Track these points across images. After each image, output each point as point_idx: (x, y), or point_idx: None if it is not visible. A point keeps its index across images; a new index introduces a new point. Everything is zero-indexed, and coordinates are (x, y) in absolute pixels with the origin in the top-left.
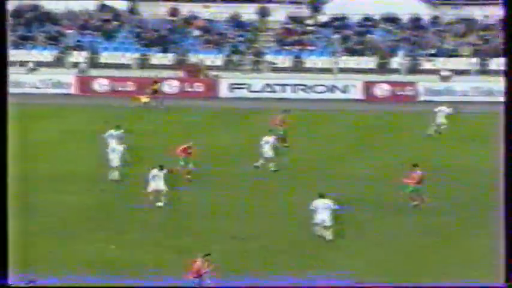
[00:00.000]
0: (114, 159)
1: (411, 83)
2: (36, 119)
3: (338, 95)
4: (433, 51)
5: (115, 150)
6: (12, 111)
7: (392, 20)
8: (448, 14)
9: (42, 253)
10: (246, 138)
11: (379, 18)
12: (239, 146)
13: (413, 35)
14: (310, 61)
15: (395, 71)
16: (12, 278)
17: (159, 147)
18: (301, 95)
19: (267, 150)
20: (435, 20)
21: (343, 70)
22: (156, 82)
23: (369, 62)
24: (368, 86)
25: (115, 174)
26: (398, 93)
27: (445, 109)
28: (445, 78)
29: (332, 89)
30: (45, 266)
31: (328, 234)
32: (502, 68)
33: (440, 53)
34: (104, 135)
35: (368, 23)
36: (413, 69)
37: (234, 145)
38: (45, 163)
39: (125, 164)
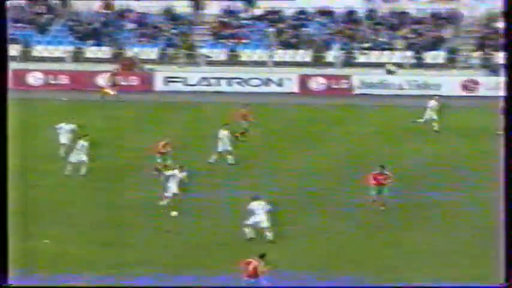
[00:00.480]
0: (74, 153)
1: (346, 76)
2: None
3: (273, 88)
4: (367, 45)
5: (72, 144)
6: None
7: (326, 13)
8: (382, 7)
9: None
10: (182, 131)
11: (313, 11)
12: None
13: (348, 29)
14: (245, 54)
15: (331, 64)
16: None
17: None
18: (237, 88)
19: (224, 144)
20: (369, 14)
21: (278, 63)
22: (114, 74)
23: (304, 55)
24: (303, 79)
25: (70, 169)
26: (334, 86)
27: (434, 103)
28: (391, 72)
29: (267, 82)
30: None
31: (268, 235)
32: (438, 61)
33: (375, 47)
34: (56, 128)
35: (302, 17)
36: (348, 63)
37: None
38: None
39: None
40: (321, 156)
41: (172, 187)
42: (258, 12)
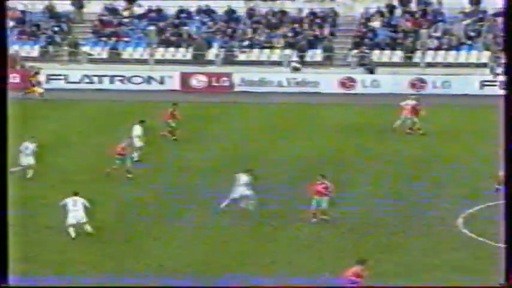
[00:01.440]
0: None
1: (227, 74)
2: None
3: (155, 86)
4: (247, 43)
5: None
6: None
7: (207, 12)
8: (261, 6)
9: None
10: (63, 128)
11: (194, 10)
12: (58, 137)
13: (228, 27)
14: (127, 52)
15: (211, 62)
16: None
17: None
18: (119, 85)
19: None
20: (249, 13)
21: (159, 61)
22: (36, 73)
23: (185, 53)
24: (184, 77)
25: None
26: (214, 84)
27: (410, 103)
28: (296, 70)
29: (149, 80)
30: None
31: (89, 228)
32: (316, 59)
33: (255, 45)
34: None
35: (183, 15)
36: (229, 61)
37: (53, 136)
38: None
39: None
40: (201, 152)
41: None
42: (139, 10)
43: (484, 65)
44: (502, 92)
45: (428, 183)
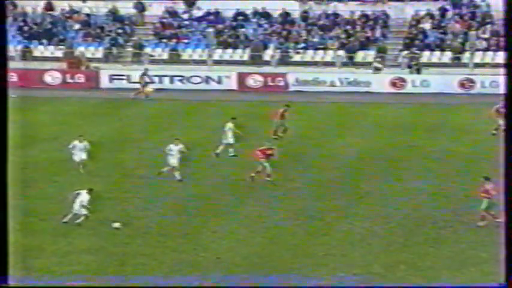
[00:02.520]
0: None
1: (282, 74)
2: None
3: (213, 85)
4: (302, 45)
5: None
6: None
7: (263, 14)
8: (315, 9)
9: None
10: (125, 126)
11: (251, 13)
12: (120, 134)
13: (284, 29)
14: (186, 53)
15: (267, 63)
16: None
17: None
18: (178, 85)
19: (229, 137)
20: (304, 15)
21: (217, 62)
22: (144, 74)
23: (242, 54)
24: (241, 77)
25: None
26: (270, 83)
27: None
28: (377, 70)
29: (207, 80)
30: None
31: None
32: (368, 60)
33: (309, 46)
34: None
35: (240, 18)
36: (284, 61)
37: (114, 134)
38: None
39: None
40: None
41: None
42: (198, 13)
43: None
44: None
45: (477, 180)
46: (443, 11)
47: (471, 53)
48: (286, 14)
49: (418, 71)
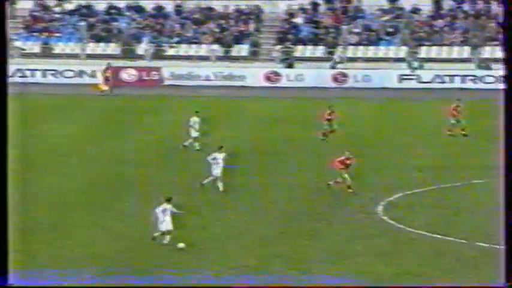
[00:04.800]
0: None
1: (156, 68)
2: None
3: (86, 79)
4: (176, 39)
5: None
6: None
7: (136, 8)
8: (188, 3)
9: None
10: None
11: (123, 6)
12: None
13: (157, 23)
14: (58, 47)
15: (141, 57)
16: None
17: None
18: (51, 79)
19: (194, 131)
20: (177, 9)
21: (90, 56)
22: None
23: (115, 48)
24: (115, 71)
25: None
26: (145, 77)
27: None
28: (337, 63)
29: (80, 74)
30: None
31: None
32: (242, 54)
33: (183, 40)
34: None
35: (113, 11)
36: (158, 55)
37: None
38: None
39: None
40: (132, 144)
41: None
42: (69, 6)
43: (402, 60)
44: (502, 87)
45: (350, 172)
46: (315, 5)
47: (343, 47)
48: (159, 8)
49: (290, 66)
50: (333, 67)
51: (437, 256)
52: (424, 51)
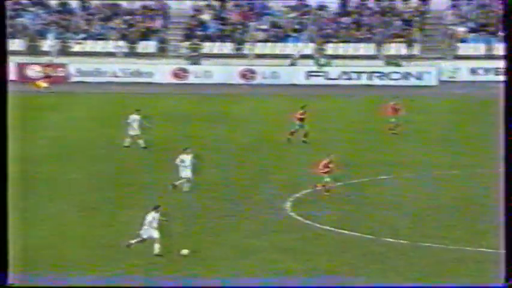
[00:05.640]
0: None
1: (62, 65)
2: None
3: None
4: (82, 35)
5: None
6: None
7: (41, 4)
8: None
9: None
10: None
11: (28, 2)
12: None
13: (63, 19)
14: None
15: (47, 53)
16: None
17: None
18: None
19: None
20: (83, 5)
21: None
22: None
23: (20, 44)
24: (20, 68)
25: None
26: (50, 74)
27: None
28: (295, 60)
29: None
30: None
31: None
32: (149, 50)
33: (89, 37)
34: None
35: (17, 7)
36: (64, 52)
37: None
38: None
39: None
40: (37, 141)
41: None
42: None
43: (309, 57)
44: (502, 85)
45: (256, 169)
46: (222, 2)
47: (251, 44)
48: (64, 4)
49: (197, 62)
50: (292, 64)
51: (344, 252)
52: (331, 48)
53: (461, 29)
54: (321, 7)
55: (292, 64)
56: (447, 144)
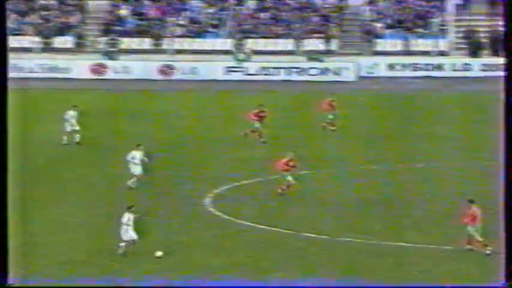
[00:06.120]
0: None
1: None
2: None
3: None
4: None
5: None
6: None
7: None
8: None
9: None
10: None
11: None
12: None
13: None
14: None
15: None
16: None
17: None
18: None
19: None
20: None
21: None
22: None
23: None
24: None
25: None
26: None
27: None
28: (248, 54)
29: None
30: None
31: None
32: (66, 46)
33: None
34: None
35: None
36: None
37: None
38: None
39: None
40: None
41: None
42: None
43: (228, 52)
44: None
45: (177, 165)
46: None
47: (170, 40)
48: None
49: (113, 58)
50: (243, 60)
51: (265, 247)
52: (250, 44)
53: (378, 25)
54: (240, 2)
55: (245, 60)
56: (368, 140)
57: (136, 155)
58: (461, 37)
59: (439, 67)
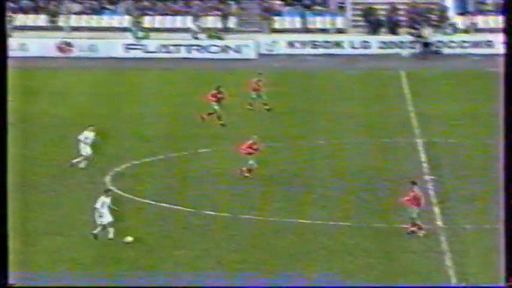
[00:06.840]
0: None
1: None
2: None
3: None
4: None
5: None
6: None
7: None
8: None
9: None
10: None
11: None
12: None
13: None
14: None
15: None
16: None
17: None
18: None
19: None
20: None
21: None
22: None
23: None
24: None
25: None
26: None
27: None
28: (196, 33)
29: None
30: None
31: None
32: None
33: None
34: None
35: None
36: None
37: None
38: None
39: None
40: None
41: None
42: None
43: (126, 30)
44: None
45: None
46: None
47: (66, 16)
48: None
49: (9, 35)
50: (195, 37)
51: (165, 225)
52: (148, 21)
53: (276, 2)
54: None
55: (195, 38)
56: (269, 117)
57: (89, 135)
58: (359, 15)
59: (338, 44)
